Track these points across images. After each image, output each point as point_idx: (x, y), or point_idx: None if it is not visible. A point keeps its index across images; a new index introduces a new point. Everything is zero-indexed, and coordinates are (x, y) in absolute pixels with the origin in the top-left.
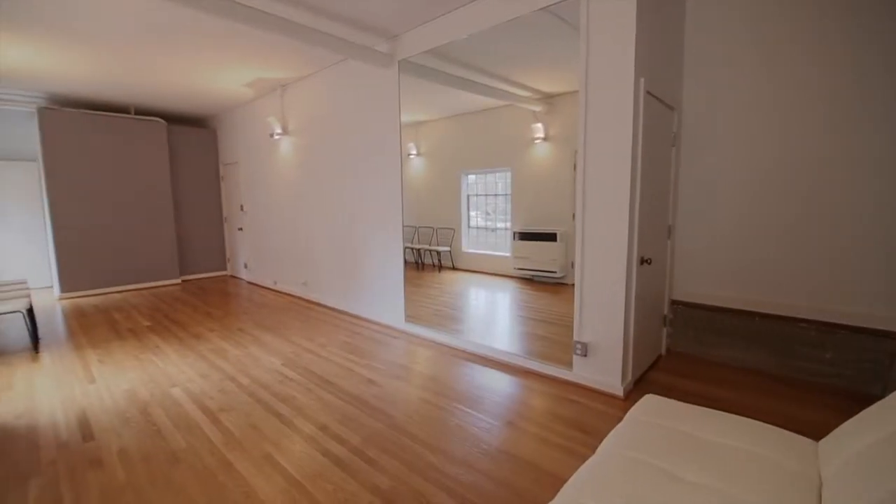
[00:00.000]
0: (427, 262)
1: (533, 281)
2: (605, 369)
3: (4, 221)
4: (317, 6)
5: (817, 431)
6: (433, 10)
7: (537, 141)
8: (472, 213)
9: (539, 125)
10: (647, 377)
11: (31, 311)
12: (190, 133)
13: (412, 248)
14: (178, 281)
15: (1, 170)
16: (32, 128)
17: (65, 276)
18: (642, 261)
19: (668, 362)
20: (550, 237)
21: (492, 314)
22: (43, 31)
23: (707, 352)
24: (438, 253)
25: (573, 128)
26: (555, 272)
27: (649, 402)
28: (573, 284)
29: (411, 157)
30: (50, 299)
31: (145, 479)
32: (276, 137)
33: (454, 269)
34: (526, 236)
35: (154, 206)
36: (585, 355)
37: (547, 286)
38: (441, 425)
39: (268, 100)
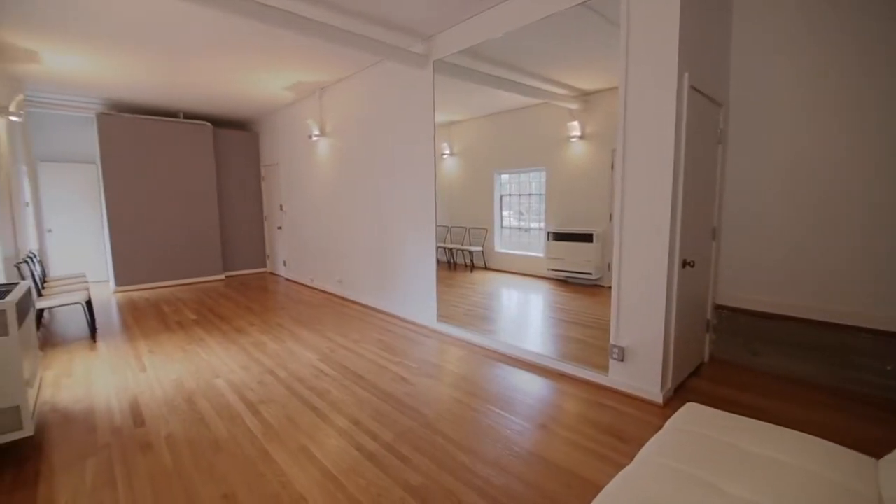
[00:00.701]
0: (459, 261)
1: (567, 282)
2: (643, 375)
3: (67, 219)
4: (354, 10)
5: (877, 449)
6: (468, 10)
7: (573, 139)
8: (505, 213)
9: (575, 123)
10: (688, 385)
11: (89, 304)
12: (234, 136)
13: (444, 248)
14: (222, 277)
15: (64, 171)
16: (92, 132)
17: (119, 271)
18: (684, 263)
19: (711, 370)
20: (586, 238)
21: (524, 315)
22: (103, 41)
23: (753, 360)
24: (471, 253)
25: (611, 126)
26: (590, 274)
27: (691, 410)
28: (610, 287)
29: (445, 156)
30: (106, 292)
31: (190, 465)
32: (314, 139)
33: (486, 269)
34: (560, 237)
35: (200, 205)
36: (622, 360)
37: (582, 288)
38: (473, 425)
39: (307, 103)
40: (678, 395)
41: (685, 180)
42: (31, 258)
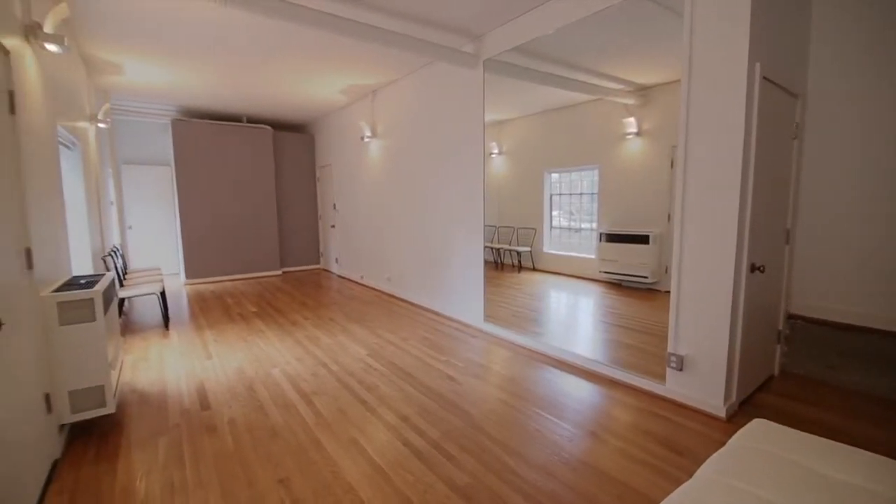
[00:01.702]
0: (507, 262)
1: (621, 286)
2: (704, 386)
3: (145, 217)
4: (408, 12)
5: None
6: (519, 7)
7: (629, 136)
8: (555, 213)
9: (631, 119)
10: (755, 399)
11: (163, 295)
12: (291, 138)
13: (492, 248)
14: (279, 272)
15: (143, 173)
16: (167, 137)
17: (189, 265)
18: (753, 268)
19: (782, 384)
20: (642, 239)
21: (574, 318)
22: (178, 54)
23: (830, 375)
24: (518, 253)
25: (671, 121)
26: (646, 277)
27: (758, 426)
28: (667, 291)
29: (493, 156)
30: (177, 284)
31: (250, 449)
32: (366, 140)
33: (534, 270)
34: (614, 238)
35: (261, 204)
36: (681, 369)
37: (636, 292)
38: (519, 428)
39: (359, 105)
40: (743, 409)
41: (755, 178)
42: (114, 252)
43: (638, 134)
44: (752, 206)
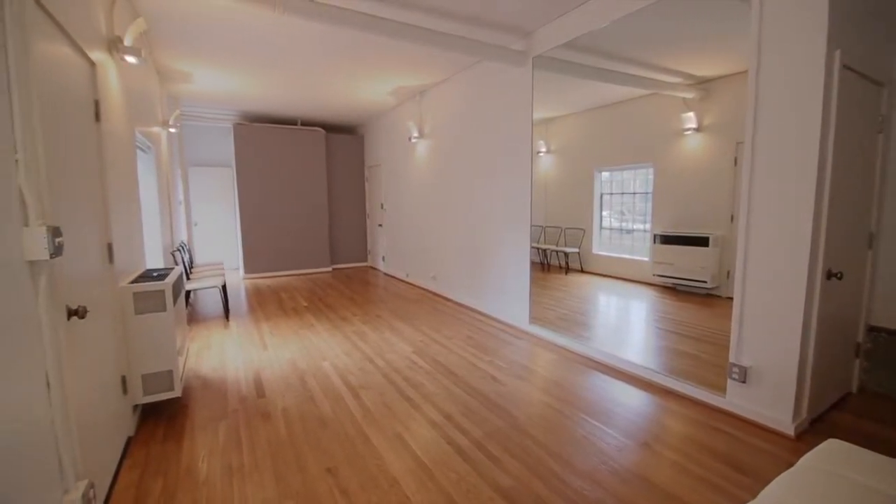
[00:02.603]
0: (553, 263)
1: (676, 290)
2: (770, 401)
3: (209, 215)
4: (458, 13)
5: None
6: (572, 1)
7: (687, 132)
8: (605, 213)
9: (690, 114)
10: (829, 417)
11: (224, 288)
12: (342, 139)
13: (538, 249)
14: (330, 269)
15: (207, 174)
16: (229, 140)
17: (248, 261)
18: (830, 274)
19: (860, 403)
20: (701, 241)
21: (625, 323)
22: (241, 62)
23: None
24: (566, 254)
25: (735, 115)
26: (705, 282)
27: (832, 447)
28: (729, 297)
29: (540, 154)
30: (237, 279)
31: (301, 437)
32: (413, 140)
33: (582, 271)
34: (670, 239)
35: (313, 203)
36: (744, 381)
37: (694, 297)
38: (565, 433)
39: (407, 106)
40: (815, 428)
41: (833, 176)
42: (181, 247)
43: (697, 130)
44: (829, 206)
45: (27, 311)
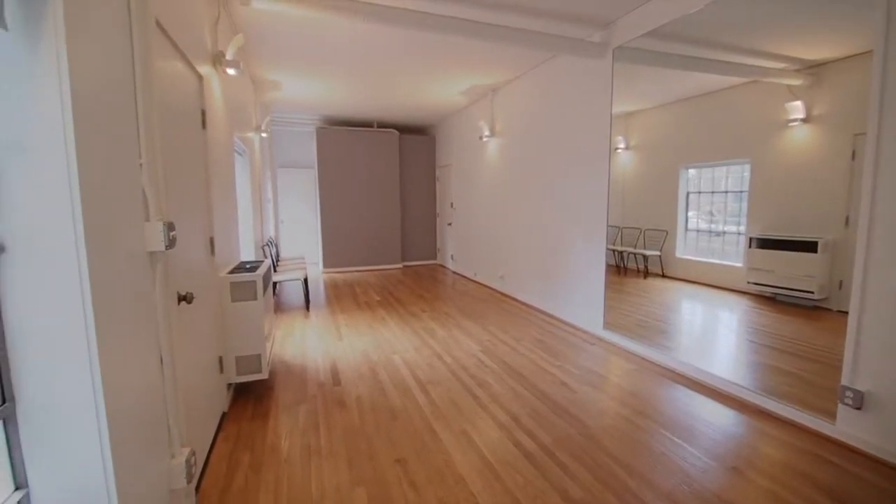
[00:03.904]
0: (630, 266)
1: (775, 300)
2: (891, 431)
3: (293, 213)
4: (535, 9)
5: None
6: None
7: (793, 124)
8: (691, 214)
9: (797, 103)
10: None
11: (306, 281)
12: (414, 140)
13: (614, 251)
14: (400, 266)
15: (293, 175)
16: (312, 143)
17: (327, 256)
18: None
19: None
20: (808, 247)
21: (712, 333)
22: (326, 69)
23: None
24: (645, 257)
25: (854, 103)
26: (811, 292)
27: None
28: (841, 311)
29: (619, 151)
30: (316, 273)
31: (372, 426)
32: (484, 140)
33: (663, 276)
34: (769, 244)
35: (386, 202)
36: (859, 408)
37: (797, 309)
38: (642, 448)
39: (479, 105)
40: None
41: None
42: (270, 242)
43: (805, 120)
44: None
45: (147, 296)
